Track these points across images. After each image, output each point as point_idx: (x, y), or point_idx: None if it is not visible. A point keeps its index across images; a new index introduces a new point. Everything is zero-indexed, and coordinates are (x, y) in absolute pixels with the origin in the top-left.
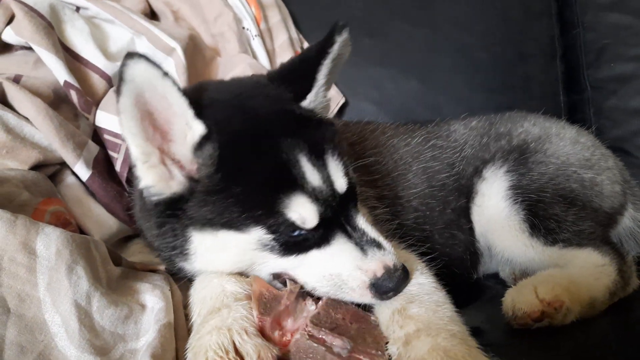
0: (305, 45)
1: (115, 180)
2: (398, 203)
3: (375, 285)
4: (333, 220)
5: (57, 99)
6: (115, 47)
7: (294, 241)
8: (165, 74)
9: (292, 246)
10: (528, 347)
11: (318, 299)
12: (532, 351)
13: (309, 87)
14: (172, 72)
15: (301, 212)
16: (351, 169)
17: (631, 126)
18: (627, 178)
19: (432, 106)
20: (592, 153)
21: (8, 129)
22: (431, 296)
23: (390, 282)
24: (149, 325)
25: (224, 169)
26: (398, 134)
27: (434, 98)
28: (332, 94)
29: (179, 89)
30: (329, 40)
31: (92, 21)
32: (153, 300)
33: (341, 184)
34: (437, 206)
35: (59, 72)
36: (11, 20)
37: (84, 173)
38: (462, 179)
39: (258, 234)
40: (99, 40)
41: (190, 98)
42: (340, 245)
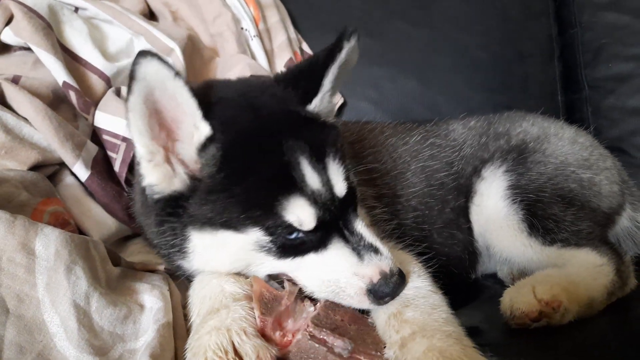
0: (304, 45)
1: (114, 180)
2: (397, 202)
3: (372, 291)
4: (331, 224)
5: (56, 100)
6: (114, 48)
7: (291, 244)
8: (177, 74)
9: (289, 249)
10: (526, 347)
11: (316, 301)
12: (530, 351)
13: (315, 92)
14: None
15: (299, 215)
16: (352, 173)
17: (629, 125)
18: (625, 178)
19: (431, 106)
20: (591, 153)
21: (7, 130)
22: (427, 299)
23: (386, 288)
24: (148, 325)
25: (227, 169)
26: (396, 133)
27: (433, 98)
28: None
29: (190, 90)
30: (337, 45)
31: (91, 22)
32: (152, 300)
33: (341, 188)
34: (436, 205)
35: (58, 73)
36: (10, 20)
37: (83, 173)
38: (461, 178)
39: (256, 235)
40: (98, 40)
41: (199, 98)
42: (337, 250)
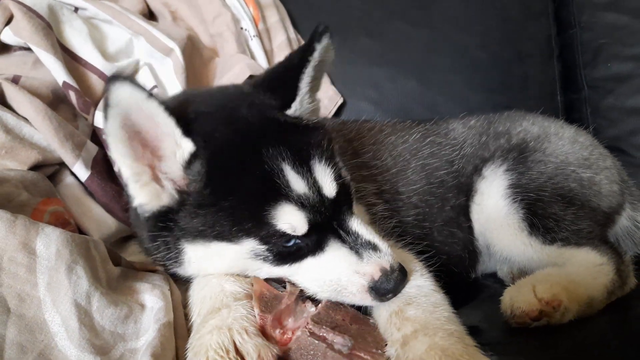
0: None
1: (114, 180)
2: (398, 199)
3: (374, 288)
4: (325, 225)
5: (56, 100)
6: (113, 48)
7: (288, 251)
8: (150, 96)
9: (287, 256)
10: (526, 346)
11: (317, 302)
12: (530, 350)
13: (293, 96)
14: (171, 73)
15: (290, 221)
16: (344, 171)
17: (628, 125)
18: (625, 178)
19: (431, 106)
20: (591, 152)
21: (7, 130)
22: (429, 298)
23: (388, 284)
24: (149, 324)
25: (212, 184)
26: (396, 131)
27: (433, 98)
28: (330, 94)
29: (165, 109)
30: (309, 47)
31: (91, 22)
32: (152, 299)
33: (330, 189)
34: (436, 203)
35: (58, 73)
36: (10, 20)
37: (83, 173)
38: (462, 177)
39: (251, 245)
40: (98, 40)
41: (177, 116)
42: (334, 251)
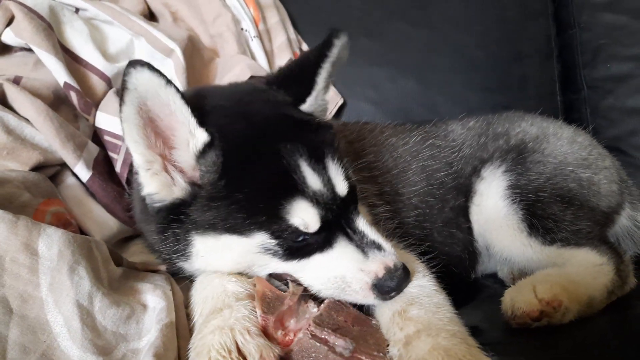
0: (303, 46)
1: (115, 181)
2: (399, 200)
3: (377, 285)
4: (334, 223)
5: (57, 100)
6: (114, 48)
7: (298, 246)
8: (168, 82)
9: (296, 251)
10: (527, 346)
11: (320, 302)
12: (531, 350)
13: (309, 91)
14: (172, 73)
15: (303, 217)
16: (351, 172)
17: (627, 126)
18: (624, 177)
19: (430, 106)
20: (590, 152)
21: (8, 130)
22: (431, 298)
23: (391, 282)
24: (151, 325)
25: (227, 176)
26: (396, 133)
27: (432, 98)
28: (331, 95)
29: (182, 97)
30: (328, 43)
31: (91, 22)
32: (154, 300)
33: (342, 187)
34: (436, 204)
35: (59, 74)
36: (11, 21)
37: (84, 174)
38: (461, 178)
39: (262, 239)
40: (98, 41)
41: (192, 106)
42: (342, 248)
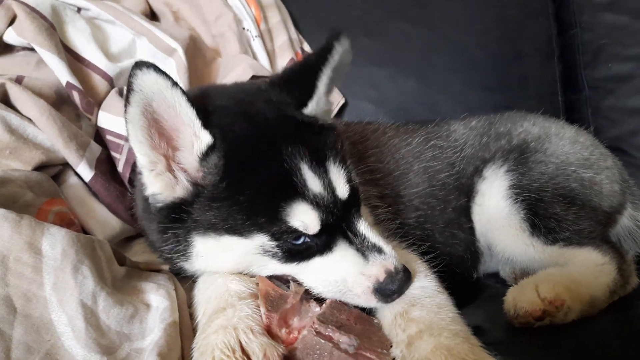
0: (305, 45)
1: (117, 180)
2: (400, 202)
3: (378, 289)
4: (335, 226)
5: (59, 100)
6: (116, 48)
7: (297, 249)
8: (174, 84)
9: (295, 254)
10: (529, 346)
11: (322, 302)
12: (534, 349)
13: (310, 94)
14: (173, 73)
15: (303, 219)
16: (354, 174)
17: (628, 126)
18: (626, 177)
19: (431, 105)
20: (591, 152)
21: (11, 130)
22: (433, 299)
23: (393, 285)
24: (155, 324)
25: (229, 178)
26: (399, 134)
27: (432, 97)
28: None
29: (188, 99)
30: (329, 47)
31: (93, 22)
32: (158, 299)
33: (343, 191)
34: (438, 205)
35: (61, 73)
36: (13, 21)
37: (87, 173)
38: (463, 178)
39: (261, 240)
40: (100, 41)
41: (197, 107)
42: (342, 252)
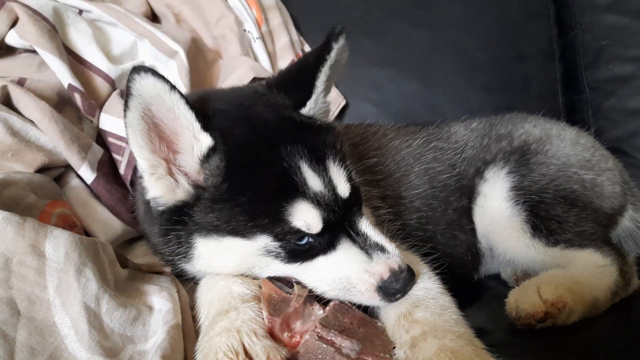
0: (306, 47)
1: (119, 182)
2: (401, 203)
3: (382, 288)
4: (337, 225)
5: (61, 102)
6: (118, 50)
7: (301, 249)
8: (172, 87)
9: (299, 254)
10: (532, 347)
11: (325, 305)
12: (537, 351)
13: (309, 95)
14: (175, 75)
15: (305, 219)
16: (354, 173)
17: (629, 127)
18: (627, 179)
19: (432, 106)
20: (592, 154)
21: (13, 132)
22: (437, 300)
23: (397, 284)
24: (157, 326)
25: (230, 180)
26: (399, 136)
27: (433, 98)
28: (333, 96)
29: (187, 102)
30: (326, 47)
31: (95, 24)
32: (160, 302)
33: (344, 189)
34: (439, 207)
35: (63, 75)
36: (15, 23)
37: (89, 176)
38: (464, 180)
39: (264, 241)
40: (102, 43)
41: (196, 110)
42: (346, 250)
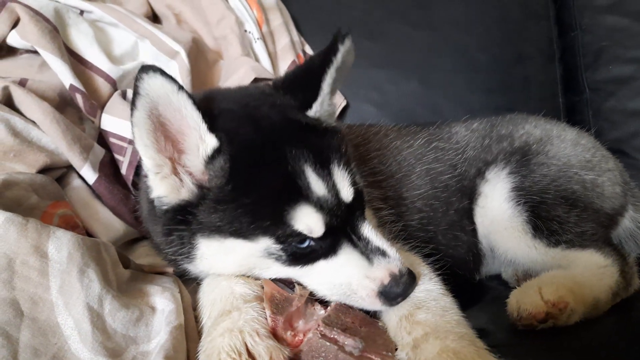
0: (306, 48)
1: (121, 183)
2: (402, 204)
3: (383, 292)
4: (339, 229)
5: (63, 103)
6: (119, 51)
7: (302, 252)
8: (180, 88)
9: (300, 257)
10: (533, 348)
11: (326, 305)
12: (538, 351)
13: (315, 97)
14: (176, 76)
15: (307, 222)
16: (358, 177)
17: (629, 128)
18: (627, 179)
19: (432, 107)
20: (593, 155)
21: (15, 133)
22: (438, 302)
23: (397, 288)
24: (160, 327)
25: (234, 181)
26: (400, 136)
27: (434, 99)
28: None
29: (194, 103)
30: (333, 48)
31: (96, 25)
32: (163, 302)
33: (347, 193)
34: (441, 207)
35: (65, 76)
36: (16, 24)
37: (91, 176)
38: (465, 180)
39: (266, 244)
40: (103, 43)
41: (202, 110)
42: (347, 255)
